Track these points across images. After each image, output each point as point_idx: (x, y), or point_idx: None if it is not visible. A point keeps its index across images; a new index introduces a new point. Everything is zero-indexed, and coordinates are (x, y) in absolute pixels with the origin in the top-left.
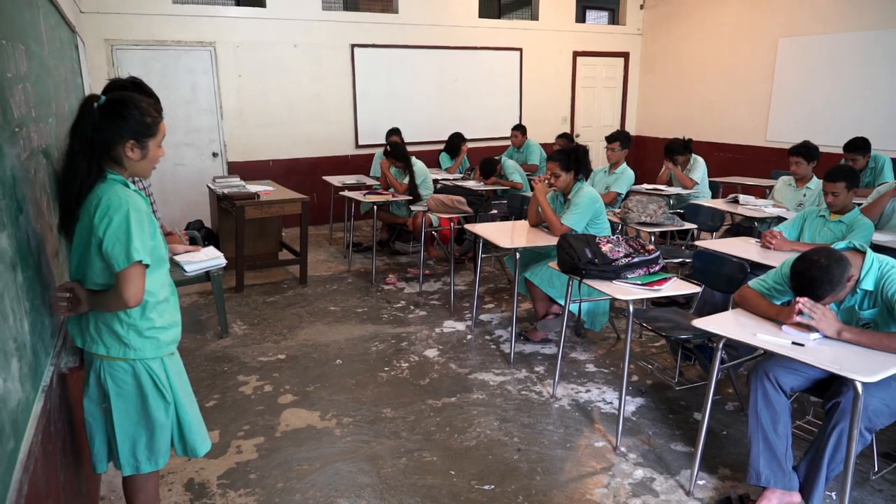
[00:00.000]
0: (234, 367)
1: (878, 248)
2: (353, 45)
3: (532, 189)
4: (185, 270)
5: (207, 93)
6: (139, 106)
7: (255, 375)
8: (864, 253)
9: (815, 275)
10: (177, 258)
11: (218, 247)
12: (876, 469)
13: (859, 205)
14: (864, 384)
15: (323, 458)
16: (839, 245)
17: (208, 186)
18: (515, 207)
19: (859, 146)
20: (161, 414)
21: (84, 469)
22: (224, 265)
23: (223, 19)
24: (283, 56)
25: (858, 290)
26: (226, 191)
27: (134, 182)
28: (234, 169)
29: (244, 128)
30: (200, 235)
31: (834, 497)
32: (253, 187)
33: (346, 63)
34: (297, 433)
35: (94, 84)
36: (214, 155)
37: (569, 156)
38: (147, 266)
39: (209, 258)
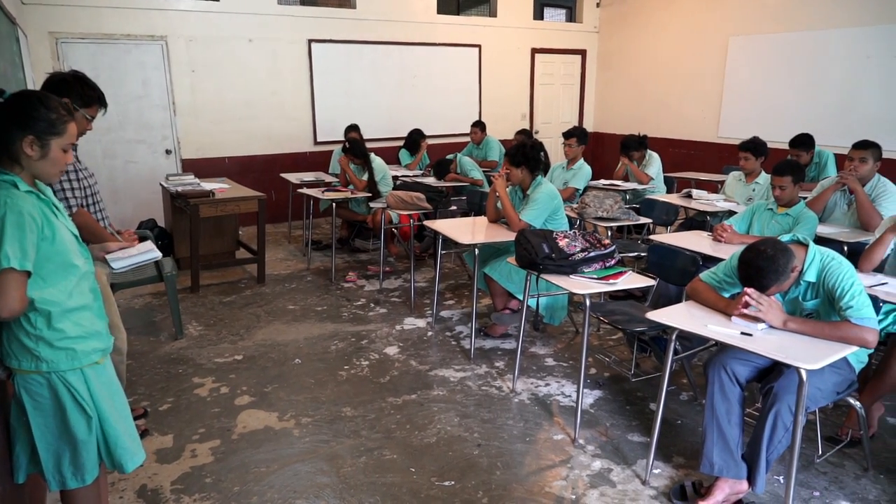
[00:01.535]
0: (189, 369)
1: (821, 240)
2: (310, 41)
3: (490, 185)
4: (112, 268)
5: (159, 88)
6: (46, 102)
7: (210, 377)
8: (807, 246)
9: (761, 264)
10: (107, 256)
11: (172, 247)
12: (820, 452)
13: (805, 198)
14: (808, 372)
15: (281, 460)
16: (784, 238)
17: (161, 184)
18: (475, 203)
19: (803, 142)
20: (82, 429)
21: (28, 481)
22: (159, 258)
23: (175, 13)
24: (238, 51)
25: (802, 282)
26: (179, 189)
27: (35, 183)
28: (189, 166)
29: (198, 124)
30: (153, 235)
31: (781, 481)
32: (208, 185)
33: (303, 58)
34: (254, 435)
35: (38, 78)
36: (168, 152)
37: (518, 151)
38: (28, 273)
39: (141, 252)
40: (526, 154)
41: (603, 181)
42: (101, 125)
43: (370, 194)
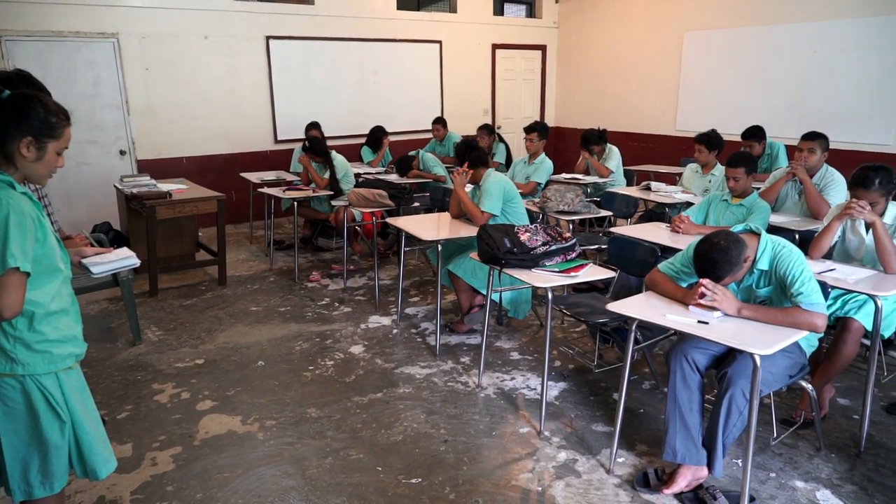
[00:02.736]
0: (148, 376)
1: (774, 229)
2: (268, 37)
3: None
4: (91, 272)
5: (111, 87)
6: (46, 105)
7: (171, 383)
8: (759, 235)
9: (715, 256)
10: (84, 261)
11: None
12: (775, 435)
13: (758, 189)
14: (761, 357)
15: (245, 464)
16: (737, 228)
17: (115, 186)
18: (438, 200)
19: (755, 133)
20: (55, 434)
21: None
22: (137, 265)
23: (126, 9)
24: (194, 48)
25: (755, 270)
26: (135, 190)
27: (25, 184)
28: (144, 167)
29: (154, 124)
30: (108, 238)
31: (739, 464)
32: (165, 186)
33: (261, 55)
34: (217, 440)
35: None
36: (122, 153)
37: (461, 153)
38: (28, 274)
39: (120, 258)
40: (467, 153)
41: (564, 175)
42: None
43: (332, 192)
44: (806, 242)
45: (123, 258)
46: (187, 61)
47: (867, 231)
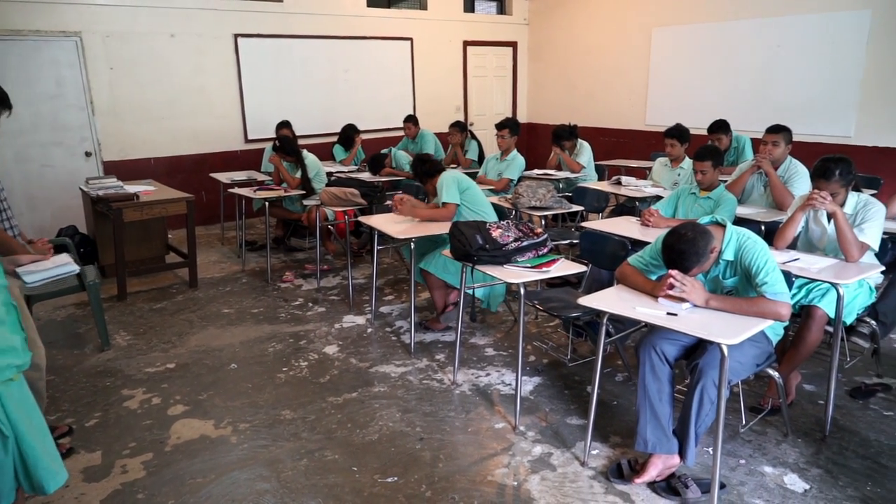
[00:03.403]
0: (117, 382)
1: (741, 221)
2: (236, 35)
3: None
4: (25, 282)
5: (75, 87)
6: None
7: (141, 388)
8: (724, 226)
9: (682, 248)
10: (18, 270)
11: (96, 254)
12: (744, 422)
13: (725, 181)
14: (729, 346)
15: (218, 469)
16: (703, 220)
17: (81, 189)
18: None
19: (721, 127)
20: None
21: None
22: (76, 271)
23: (88, 7)
24: (160, 47)
25: (721, 261)
26: (101, 192)
27: None
28: (111, 168)
29: (120, 124)
30: (73, 242)
31: (710, 452)
32: (132, 188)
33: (229, 54)
34: (189, 445)
35: None
36: (88, 154)
37: (417, 172)
38: None
39: (57, 266)
40: (421, 169)
41: (536, 171)
42: (11, 128)
43: (304, 192)
44: (771, 233)
45: (60, 266)
46: (153, 60)
47: (829, 221)
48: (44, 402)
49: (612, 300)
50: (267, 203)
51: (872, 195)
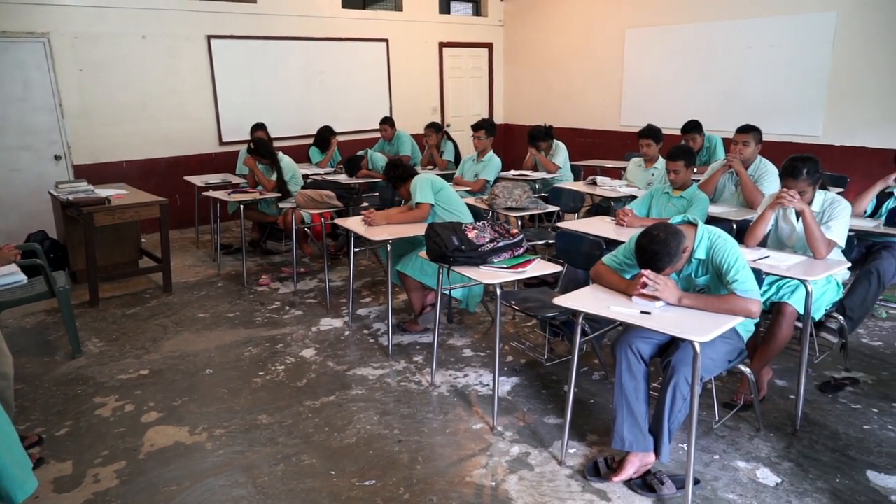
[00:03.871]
0: (89, 389)
1: (713, 220)
2: (209, 37)
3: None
4: None
5: (43, 89)
6: None
7: (114, 395)
8: (696, 225)
9: (655, 248)
10: None
11: (66, 259)
12: (717, 418)
13: (698, 181)
14: (701, 344)
15: (193, 476)
16: (675, 219)
17: (51, 193)
18: (387, 199)
19: (694, 127)
20: None
21: None
22: (23, 282)
23: (56, 7)
24: (131, 48)
25: (693, 260)
26: (71, 197)
27: None
28: (82, 172)
29: (90, 127)
30: (43, 248)
31: (684, 448)
32: (103, 191)
33: (203, 55)
34: (163, 452)
35: None
36: (57, 158)
37: (390, 177)
38: None
39: (1, 276)
40: (394, 174)
41: (513, 172)
42: None
43: (280, 194)
44: (743, 231)
45: (4, 276)
46: (124, 62)
47: (798, 219)
48: (12, 412)
49: (587, 300)
50: (242, 206)
51: (839, 193)
